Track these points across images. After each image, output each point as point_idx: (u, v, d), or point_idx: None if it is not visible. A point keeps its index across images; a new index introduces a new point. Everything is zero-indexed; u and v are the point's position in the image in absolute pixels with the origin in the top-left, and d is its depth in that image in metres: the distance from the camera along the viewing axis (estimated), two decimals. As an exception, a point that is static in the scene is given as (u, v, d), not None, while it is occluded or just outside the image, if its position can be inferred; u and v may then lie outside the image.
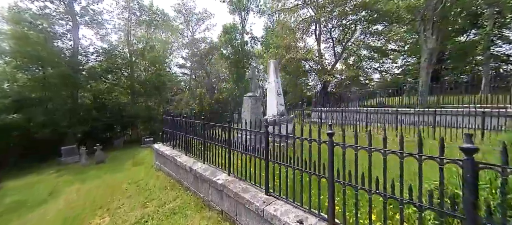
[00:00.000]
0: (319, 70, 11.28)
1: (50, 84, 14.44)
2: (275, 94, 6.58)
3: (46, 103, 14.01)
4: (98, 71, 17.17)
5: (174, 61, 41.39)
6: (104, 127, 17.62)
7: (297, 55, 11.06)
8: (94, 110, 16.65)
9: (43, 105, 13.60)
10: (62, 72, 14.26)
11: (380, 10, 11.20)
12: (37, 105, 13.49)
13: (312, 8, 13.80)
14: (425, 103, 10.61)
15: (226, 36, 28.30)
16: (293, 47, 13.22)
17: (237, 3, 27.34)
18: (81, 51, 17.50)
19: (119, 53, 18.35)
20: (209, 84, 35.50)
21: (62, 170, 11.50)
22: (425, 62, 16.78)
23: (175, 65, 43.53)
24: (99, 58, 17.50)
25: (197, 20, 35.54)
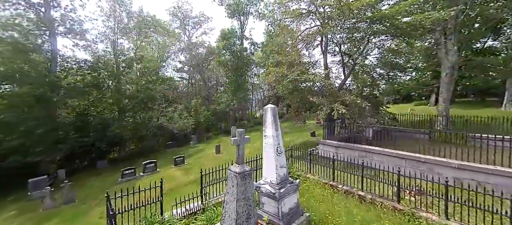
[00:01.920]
0: (328, 94, 9.42)
1: (23, 102, 12.73)
2: (274, 153, 4.76)
3: (17, 125, 12.29)
4: (79, 86, 15.45)
5: (172, 64, 39.96)
6: (86, 147, 15.92)
7: (301, 77, 9.22)
8: (75, 129, 14.93)
9: (10, 128, 11.88)
10: (34, 90, 12.54)
11: (398, 25, 9.29)
12: (3, 128, 11.78)
13: (317, 18, 11.92)
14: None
15: (224, 42, 26.51)
16: (296, 64, 11.35)
17: (236, 7, 25.52)
18: (62, 63, 15.80)
19: (103, 64, 16.60)
20: (205, 91, 33.79)
21: (25, 210, 9.75)
22: (447, 76, 14.85)
23: (172, 69, 42.12)
24: (81, 71, 15.76)
25: (194, 24, 33.77)
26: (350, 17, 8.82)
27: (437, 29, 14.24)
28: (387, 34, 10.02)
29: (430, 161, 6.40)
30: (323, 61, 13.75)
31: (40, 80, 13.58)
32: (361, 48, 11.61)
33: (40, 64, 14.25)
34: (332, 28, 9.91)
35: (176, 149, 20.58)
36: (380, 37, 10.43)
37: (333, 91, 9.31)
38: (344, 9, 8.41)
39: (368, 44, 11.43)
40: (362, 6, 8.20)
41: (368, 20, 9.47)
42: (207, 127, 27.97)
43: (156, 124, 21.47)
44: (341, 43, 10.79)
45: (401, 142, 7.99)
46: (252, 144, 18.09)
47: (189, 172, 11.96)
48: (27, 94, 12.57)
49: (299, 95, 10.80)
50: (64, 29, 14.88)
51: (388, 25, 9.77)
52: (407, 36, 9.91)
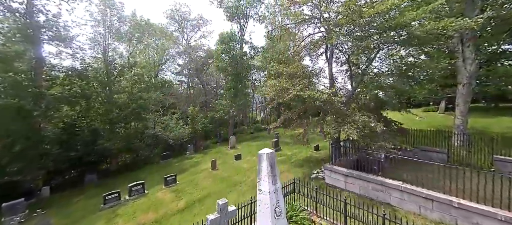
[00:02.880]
0: (335, 113, 8.23)
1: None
2: (270, 216, 3.61)
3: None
4: (66, 96, 14.40)
5: (171, 66, 38.99)
6: (73, 161, 14.87)
7: (304, 93, 8.04)
8: (60, 143, 13.89)
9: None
10: (13, 103, 11.50)
11: (415, 33, 8.08)
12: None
13: (322, 24, 10.74)
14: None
15: (223, 46, 25.41)
16: (299, 76, 10.16)
17: (235, 10, 24.41)
18: (48, 71, 14.78)
19: (93, 72, 15.54)
20: (204, 96, 32.70)
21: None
22: (464, 87, 13.57)
23: (171, 72, 41.16)
24: (68, 80, 14.70)
25: (192, 27, 32.74)
26: (361, 26, 7.63)
27: (455, 35, 13.00)
28: (402, 44, 8.81)
29: (466, 207, 5.17)
30: (327, 70, 12.56)
31: (21, 91, 12.55)
32: (372, 57, 10.42)
33: (23, 73, 13.23)
34: (339, 37, 8.76)
35: (171, 160, 19.48)
36: (393, 46, 9.21)
37: (340, 110, 8.11)
38: (355, 17, 7.23)
39: (379, 52, 10.26)
40: (376, 13, 7.00)
41: (381, 30, 8.31)
42: (205, 134, 26.88)
43: (150, 134, 20.39)
44: (348, 53, 9.58)
45: (418, 166, 6.74)
46: (251, 156, 16.94)
47: (180, 195, 10.81)
48: (3, 107, 11.53)
49: (301, 106, 9.64)
50: (49, 35, 13.84)
51: (404, 33, 8.59)
52: (426, 45, 8.73)
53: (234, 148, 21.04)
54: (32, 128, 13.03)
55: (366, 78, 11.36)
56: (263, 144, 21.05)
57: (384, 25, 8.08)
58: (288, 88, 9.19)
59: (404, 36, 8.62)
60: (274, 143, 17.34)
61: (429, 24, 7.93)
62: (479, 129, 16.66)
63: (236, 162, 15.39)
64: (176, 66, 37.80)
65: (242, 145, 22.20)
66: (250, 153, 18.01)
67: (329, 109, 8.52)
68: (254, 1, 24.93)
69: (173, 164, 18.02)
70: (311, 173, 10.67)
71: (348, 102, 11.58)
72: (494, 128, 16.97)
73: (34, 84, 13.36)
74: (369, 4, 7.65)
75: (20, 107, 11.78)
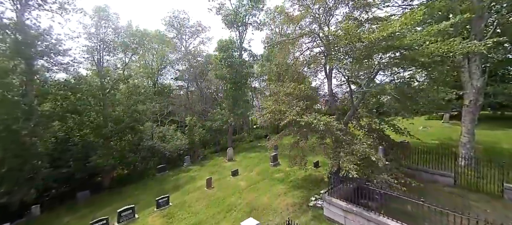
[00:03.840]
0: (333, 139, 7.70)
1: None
2: None
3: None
4: (58, 112, 14.04)
5: (171, 71, 38.73)
6: (65, 178, 14.46)
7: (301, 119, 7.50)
8: (51, 161, 13.48)
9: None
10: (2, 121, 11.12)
11: (416, 55, 7.54)
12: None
13: (320, 39, 10.26)
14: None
15: (222, 54, 24.99)
16: (296, 96, 9.65)
17: (234, 18, 23.98)
18: (40, 86, 14.42)
19: (86, 86, 15.17)
20: (202, 105, 32.26)
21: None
22: (471, 104, 12.95)
23: (170, 78, 40.90)
24: (61, 94, 14.33)
25: (191, 34, 32.41)
26: (360, 49, 7.12)
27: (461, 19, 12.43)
28: (404, 66, 8.27)
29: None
30: (327, 86, 12.05)
31: (10, 108, 12.18)
32: (372, 77, 9.89)
33: (13, 89, 12.88)
34: (338, 56, 8.25)
35: (167, 173, 19.00)
36: (394, 69, 8.68)
37: (340, 138, 7.57)
38: (354, 40, 6.73)
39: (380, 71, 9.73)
40: (375, 39, 6.50)
41: (382, 51, 7.79)
42: (203, 143, 26.40)
43: (146, 146, 19.96)
44: (348, 74, 9.05)
45: (423, 191, 6.17)
46: (248, 171, 16.38)
47: (173, 220, 10.32)
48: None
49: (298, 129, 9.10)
50: (41, 49, 13.48)
51: (407, 53, 8.06)
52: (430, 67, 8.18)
53: (231, 160, 20.53)
54: (22, 146, 12.63)
55: (367, 94, 10.83)
56: (261, 157, 20.50)
57: (384, 46, 7.56)
58: (284, 111, 8.67)
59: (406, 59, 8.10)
60: (273, 157, 16.80)
61: (433, 46, 7.40)
62: (487, 145, 16.00)
63: (233, 179, 14.86)
64: (175, 71, 37.61)
65: (241, 157, 21.68)
66: (247, 168, 17.47)
67: (328, 135, 7.99)
68: (253, 9, 24.50)
69: (169, 179, 17.53)
70: (309, 198, 10.11)
71: (348, 121, 11.06)
72: (503, 144, 16.29)
73: (25, 100, 12.99)
74: (369, 29, 7.14)
75: (8, 125, 11.39)
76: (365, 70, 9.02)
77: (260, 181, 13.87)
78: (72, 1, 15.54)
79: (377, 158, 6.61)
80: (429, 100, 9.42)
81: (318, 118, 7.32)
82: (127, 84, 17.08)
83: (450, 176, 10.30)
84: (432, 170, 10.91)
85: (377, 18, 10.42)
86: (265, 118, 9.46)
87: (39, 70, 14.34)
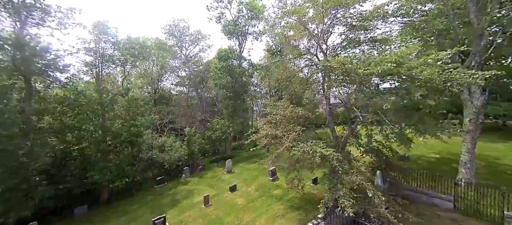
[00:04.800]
0: (329, 170, 7.58)
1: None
2: None
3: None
4: (57, 128, 14.06)
5: (171, 77, 38.89)
6: (63, 195, 14.43)
7: (296, 150, 7.40)
8: (48, 178, 13.45)
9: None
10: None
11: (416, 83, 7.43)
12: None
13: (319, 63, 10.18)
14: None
15: (222, 64, 24.98)
16: (293, 121, 9.55)
17: (233, 28, 24.01)
18: (38, 101, 14.45)
19: (85, 100, 15.17)
20: (202, 114, 32.25)
21: None
22: (471, 122, 12.79)
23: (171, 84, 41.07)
24: (59, 110, 14.36)
25: (191, 42, 32.50)
26: (357, 80, 7.03)
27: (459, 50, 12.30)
28: (402, 95, 8.16)
29: None
30: (326, 108, 11.93)
31: (9, 126, 12.19)
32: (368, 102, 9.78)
33: (13, 105, 12.91)
34: (334, 84, 8.18)
35: (166, 186, 18.92)
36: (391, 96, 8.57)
37: (335, 168, 7.46)
38: (351, 75, 6.65)
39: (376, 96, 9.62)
40: (371, 74, 6.41)
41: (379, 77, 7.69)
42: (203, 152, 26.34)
43: (145, 157, 19.93)
44: (345, 100, 8.95)
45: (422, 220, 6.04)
46: (247, 186, 16.22)
47: (168, 243, 10.23)
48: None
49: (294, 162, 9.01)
50: (40, 65, 13.52)
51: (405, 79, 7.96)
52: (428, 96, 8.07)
53: (230, 172, 20.43)
54: (19, 164, 12.60)
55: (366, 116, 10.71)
56: (260, 168, 20.32)
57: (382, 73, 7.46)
58: (281, 137, 8.58)
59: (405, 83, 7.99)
60: (271, 172, 16.67)
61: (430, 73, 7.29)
62: (488, 161, 15.79)
63: (230, 196, 14.75)
64: (176, 76, 37.77)
65: (239, 168, 21.57)
66: (246, 182, 17.35)
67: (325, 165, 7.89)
68: (252, 19, 24.53)
69: (167, 192, 17.43)
70: (307, 222, 9.98)
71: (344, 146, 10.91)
72: (505, 159, 16.07)
73: (23, 118, 13.01)
74: (365, 61, 7.04)
75: (5, 146, 11.39)
76: (361, 97, 8.93)
77: (258, 199, 13.75)
78: (72, 15, 15.65)
79: (374, 193, 6.49)
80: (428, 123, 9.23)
81: (314, 149, 7.21)
82: (126, 97, 17.05)
83: (449, 200, 10.14)
84: (432, 192, 10.74)
85: (375, 40, 10.34)
86: (261, 141, 9.34)
87: (38, 87, 14.36)
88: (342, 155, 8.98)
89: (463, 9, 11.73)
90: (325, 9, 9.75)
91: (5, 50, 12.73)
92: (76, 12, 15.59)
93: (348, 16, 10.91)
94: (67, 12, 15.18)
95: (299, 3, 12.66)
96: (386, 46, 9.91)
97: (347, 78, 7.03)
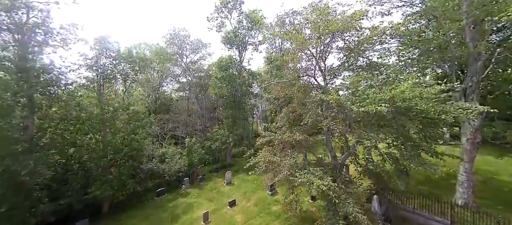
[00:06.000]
0: (326, 203, 7.70)
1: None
2: None
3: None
4: (58, 145, 14.28)
5: (172, 82, 39.21)
6: (63, 210, 14.63)
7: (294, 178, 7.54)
8: (49, 194, 13.65)
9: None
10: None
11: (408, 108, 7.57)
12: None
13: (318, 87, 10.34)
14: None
15: (222, 73, 25.17)
16: (291, 145, 9.69)
17: (233, 39, 24.22)
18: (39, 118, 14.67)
19: (87, 115, 15.40)
20: (202, 123, 32.43)
21: None
22: (468, 141, 12.91)
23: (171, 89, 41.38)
24: (60, 126, 14.58)
25: (192, 50, 32.74)
26: (351, 116, 7.18)
27: (457, 89, 12.42)
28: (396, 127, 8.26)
29: None
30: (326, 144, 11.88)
31: (12, 144, 12.39)
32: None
33: (16, 122, 13.11)
34: (331, 119, 8.30)
35: (166, 197, 19.11)
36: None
37: (332, 199, 7.59)
38: (346, 111, 6.81)
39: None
40: (366, 112, 6.56)
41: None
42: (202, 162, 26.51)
43: (145, 169, 20.11)
44: (342, 131, 9.06)
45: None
46: (246, 201, 16.34)
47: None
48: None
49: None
50: (43, 83, 13.76)
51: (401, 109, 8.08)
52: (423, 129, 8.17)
53: (230, 184, 20.60)
54: (21, 184, 12.80)
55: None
56: (260, 181, 20.40)
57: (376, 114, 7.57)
58: (278, 164, 8.73)
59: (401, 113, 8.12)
60: (270, 187, 16.82)
61: (425, 104, 7.43)
62: (486, 177, 15.88)
63: (230, 212, 14.90)
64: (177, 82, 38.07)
65: (239, 179, 21.72)
66: (245, 195, 17.51)
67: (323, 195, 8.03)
68: (252, 30, 24.73)
69: (167, 205, 17.60)
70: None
71: (344, 163, 11.05)
72: (503, 175, 16.15)
73: (25, 136, 13.22)
74: (360, 96, 7.18)
75: (8, 166, 11.59)
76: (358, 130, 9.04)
77: (256, 216, 13.89)
78: (74, 31, 15.88)
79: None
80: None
81: (311, 181, 7.35)
82: (127, 111, 17.25)
83: (446, 223, 10.24)
84: (429, 214, 10.85)
85: (373, 66, 10.47)
86: (261, 168, 9.49)
87: (40, 103, 14.57)
88: (340, 180, 9.13)
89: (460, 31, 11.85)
90: (323, 35, 9.91)
91: (9, 71, 12.96)
92: (78, 27, 15.86)
93: (346, 39, 11.07)
94: (69, 28, 15.43)
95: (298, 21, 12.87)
96: (382, 71, 10.04)
97: (342, 114, 7.17)
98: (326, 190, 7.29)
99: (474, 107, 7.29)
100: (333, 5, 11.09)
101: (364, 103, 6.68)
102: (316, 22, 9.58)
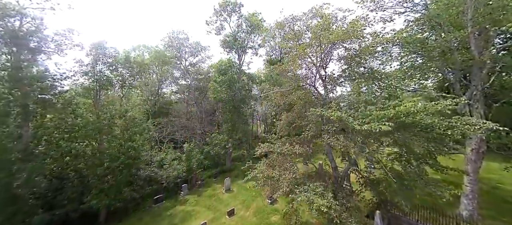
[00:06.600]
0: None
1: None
2: None
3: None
4: (53, 154, 14.01)
5: (171, 84, 38.88)
6: (58, 220, 14.34)
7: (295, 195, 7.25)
8: (44, 204, 13.39)
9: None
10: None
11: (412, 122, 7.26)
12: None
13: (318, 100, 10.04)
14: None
15: (221, 77, 24.87)
16: (290, 157, 9.40)
17: (232, 43, 23.92)
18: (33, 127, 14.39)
19: (83, 122, 15.11)
20: (202, 127, 32.15)
21: None
22: (473, 152, 12.58)
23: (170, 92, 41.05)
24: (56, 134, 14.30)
25: (191, 53, 32.45)
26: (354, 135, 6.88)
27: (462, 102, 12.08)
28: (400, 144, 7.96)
29: None
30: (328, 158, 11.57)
31: (7, 153, 12.12)
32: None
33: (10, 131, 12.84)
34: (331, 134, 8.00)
35: (163, 205, 18.80)
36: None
37: (333, 220, 7.29)
38: (348, 129, 6.51)
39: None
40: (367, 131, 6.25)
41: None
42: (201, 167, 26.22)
43: (142, 176, 19.82)
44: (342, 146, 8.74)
45: None
46: (245, 210, 16.02)
47: None
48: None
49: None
50: (37, 92, 13.47)
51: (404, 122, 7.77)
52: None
53: (229, 191, 20.29)
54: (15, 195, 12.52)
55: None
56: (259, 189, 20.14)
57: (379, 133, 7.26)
58: (277, 178, 8.43)
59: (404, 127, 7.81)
60: (270, 196, 16.49)
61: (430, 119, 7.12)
62: (489, 186, 15.55)
63: (228, 222, 14.59)
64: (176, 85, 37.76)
65: (238, 186, 21.39)
66: (244, 204, 17.19)
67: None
68: (252, 34, 24.44)
69: (164, 214, 17.29)
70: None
71: (345, 175, 10.75)
72: (507, 184, 15.82)
73: (19, 146, 12.94)
74: (362, 112, 6.89)
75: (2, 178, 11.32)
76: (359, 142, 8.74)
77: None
78: (70, 36, 15.59)
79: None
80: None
81: (311, 200, 7.05)
82: (124, 118, 16.96)
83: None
84: (433, 228, 10.55)
85: (375, 77, 10.16)
86: (260, 183, 9.19)
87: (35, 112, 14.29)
88: (341, 195, 8.82)
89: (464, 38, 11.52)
90: (324, 43, 9.60)
91: (2, 80, 12.69)
92: (74, 33, 15.56)
93: (347, 46, 10.76)
94: (65, 33, 15.13)
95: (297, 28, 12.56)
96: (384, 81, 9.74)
97: (344, 131, 6.88)
98: (328, 208, 6.99)
99: (481, 123, 6.98)
100: (334, 11, 10.79)
101: (366, 120, 6.39)
102: (316, 32, 9.27)
